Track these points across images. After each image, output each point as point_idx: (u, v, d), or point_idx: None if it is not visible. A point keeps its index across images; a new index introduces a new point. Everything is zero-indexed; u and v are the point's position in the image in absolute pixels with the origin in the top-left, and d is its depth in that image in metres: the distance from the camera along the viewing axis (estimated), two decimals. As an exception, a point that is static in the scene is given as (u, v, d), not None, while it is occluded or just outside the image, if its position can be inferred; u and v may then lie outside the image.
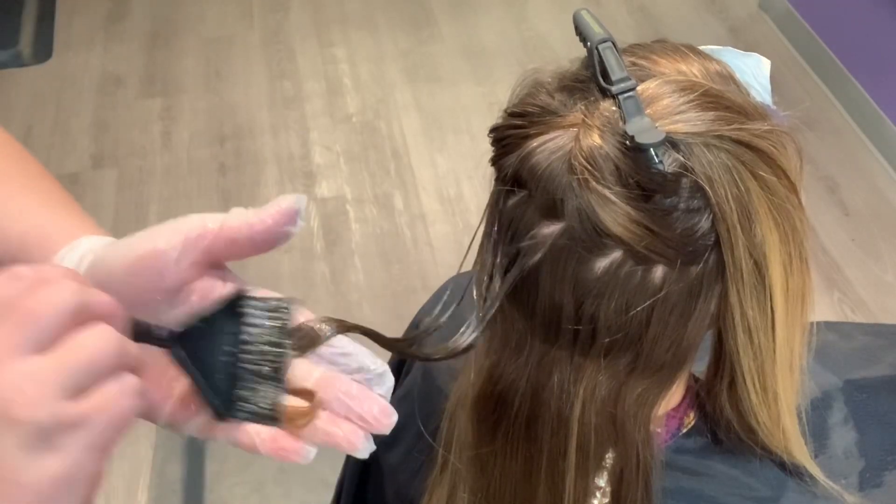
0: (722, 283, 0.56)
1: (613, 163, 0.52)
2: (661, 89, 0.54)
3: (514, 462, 0.62)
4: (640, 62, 0.57)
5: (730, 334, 0.58)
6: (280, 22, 3.01)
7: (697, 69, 0.57)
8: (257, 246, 0.48)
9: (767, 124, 0.55)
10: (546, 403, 0.59)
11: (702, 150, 0.52)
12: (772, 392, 0.61)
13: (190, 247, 0.47)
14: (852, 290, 2.12)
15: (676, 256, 0.54)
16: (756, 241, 0.54)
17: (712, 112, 0.53)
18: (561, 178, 0.53)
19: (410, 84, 2.75)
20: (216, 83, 2.78)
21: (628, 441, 0.60)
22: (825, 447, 0.74)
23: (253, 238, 0.48)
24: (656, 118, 0.53)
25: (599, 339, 0.56)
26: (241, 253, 0.49)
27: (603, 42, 0.54)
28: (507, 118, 0.57)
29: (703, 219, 0.53)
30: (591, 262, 0.54)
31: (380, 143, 2.56)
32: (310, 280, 2.20)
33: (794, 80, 2.67)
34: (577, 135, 0.53)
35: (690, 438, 0.66)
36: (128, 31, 2.99)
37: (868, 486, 0.73)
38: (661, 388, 0.60)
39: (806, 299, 0.60)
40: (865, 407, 0.78)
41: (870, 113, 2.46)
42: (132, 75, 2.81)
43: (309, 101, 2.70)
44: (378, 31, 2.96)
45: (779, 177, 0.54)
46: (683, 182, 0.52)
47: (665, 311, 0.55)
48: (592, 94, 0.55)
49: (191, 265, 0.48)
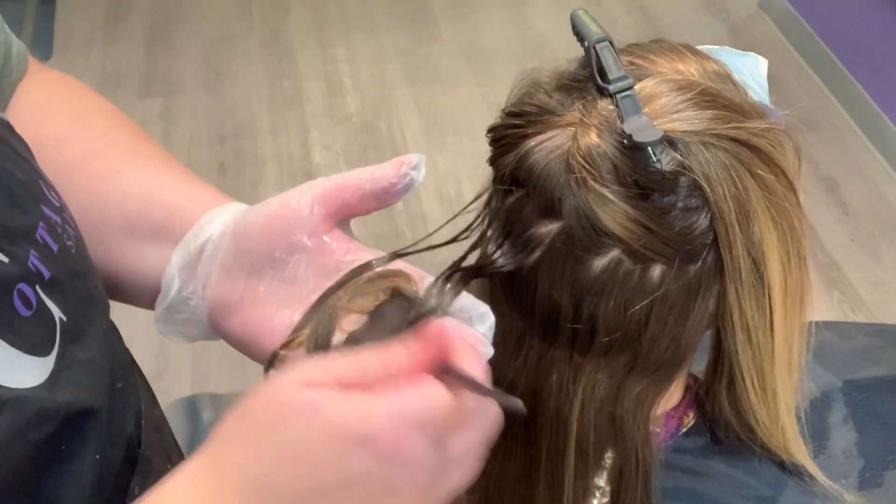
0: (720, 281, 0.56)
1: (611, 161, 0.52)
2: (659, 88, 0.54)
3: (513, 462, 0.62)
4: (637, 62, 0.57)
5: (728, 333, 0.58)
6: (280, 22, 3.01)
7: (695, 68, 0.57)
8: (380, 197, 0.53)
9: (765, 123, 0.55)
10: (545, 402, 0.59)
11: (699, 149, 0.52)
12: (771, 391, 0.61)
13: (319, 199, 0.52)
14: (852, 290, 2.12)
15: (675, 255, 0.54)
16: (754, 239, 0.54)
17: (710, 111, 0.53)
18: (559, 177, 0.53)
19: (410, 84, 2.75)
20: (216, 83, 2.78)
21: (628, 440, 0.60)
22: (825, 447, 0.74)
23: (377, 190, 0.52)
24: (654, 117, 0.53)
25: (598, 338, 0.56)
26: (367, 205, 0.53)
27: (600, 41, 0.54)
28: (504, 118, 0.57)
29: (702, 217, 0.53)
30: (590, 261, 0.54)
31: (380, 143, 2.56)
32: (310, 280, 2.20)
33: (793, 80, 2.66)
34: (575, 134, 0.54)
35: (689, 438, 0.66)
36: (128, 31, 2.99)
37: (868, 485, 0.73)
38: (660, 388, 0.60)
39: (804, 298, 0.60)
40: (865, 407, 0.78)
41: (870, 113, 2.46)
42: (132, 75, 2.81)
43: (309, 101, 2.70)
44: (378, 31, 2.96)
45: (777, 175, 0.55)
46: (681, 180, 0.52)
47: (663, 310, 0.55)
48: (590, 94, 0.55)
49: (321, 218, 0.53)
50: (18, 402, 0.43)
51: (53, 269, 0.49)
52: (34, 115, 0.61)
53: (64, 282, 0.49)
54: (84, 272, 0.53)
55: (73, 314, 0.50)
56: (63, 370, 0.47)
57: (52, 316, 0.48)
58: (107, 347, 0.53)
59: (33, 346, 0.46)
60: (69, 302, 0.50)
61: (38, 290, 0.47)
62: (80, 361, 0.49)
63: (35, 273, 0.47)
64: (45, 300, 0.47)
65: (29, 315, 0.46)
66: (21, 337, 0.45)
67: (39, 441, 0.44)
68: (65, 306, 0.49)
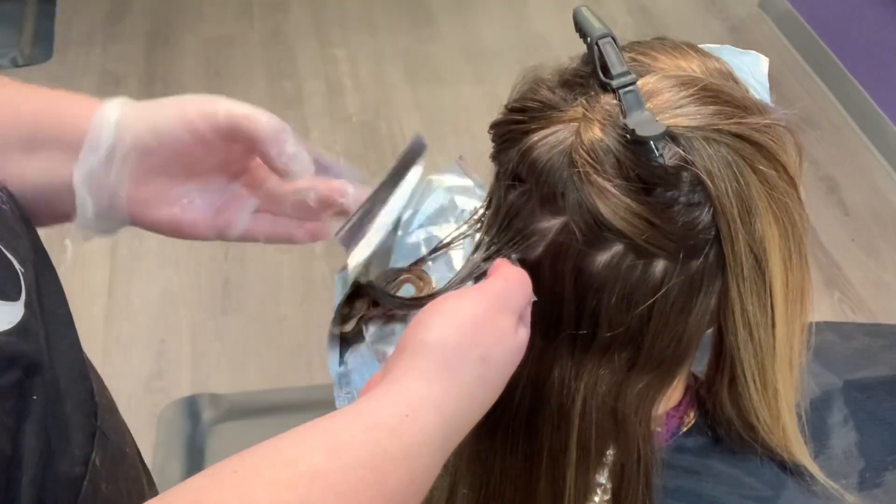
0: (722, 278, 0.56)
1: (614, 156, 0.52)
2: (661, 84, 0.54)
3: (514, 458, 0.62)
4: (639, 58, 0.57)
5: (730, 330, 0.58)
6: (280, 22, 3.01)
7: (697, 65, 0.57)
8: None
9: (767, 119, 0.55)
10: (547, 398, 0.59)
11: (702, 144, 0.52)
12: (772, 389, 0.61)
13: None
14: (852, 290, 2.12)
15: (677, 250, 0.54)
16: (756, 235, 0.54)
17: (712, 106, 0.53)
18: (562, 171, 0.53)
19: (410, 84, 2.75)
20: (216, 83, 2.78)
21: (629, 437, 0.60)
22: (825, 447, 0.74)
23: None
24: (656, 112, 0.53)
25: (600, 334, 0.56)
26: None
27: (603, 37, 0.54)
28: (507, 113, 0.58)
29: (704, 212, 0.53)
30: (592, 256, 0.54)
31: (380, 143, 2.56)
32: (310, 280, 2.20)
33: (794, 79, 2.67)
34: (578, 129, 0.54)
35: (690, 437, 0.66)
36: (128, 31, 2.99)
37: (868, 485, 0.73)
38: (661, 384, 0.60)
39: (805, 296, 0.60)
40: (865, 407, 0.78)
41: (870, 113, 2.46)
42: (132, 75, 2.81)
43: (309, 101, 2.70)
44: (378, 31, 2.96)
45: (778, 171, 0.55)
46: (684, 175, 0.53)
47: (666, 306, 0.55)
48: (593, 89, 0.55)
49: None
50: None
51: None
52: None
53: (8, 238, 0.50)
54: (21, 232, 0.53)
55: (28, 268, 0.51)
56: (34, 317, 0.48)
57: (12, 264, 0.49)
58: (63, 300, 0.55)
59: (2, 291, 0.47)
60: (20, 256, 0.50)
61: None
62: (46, 311, 0.51)
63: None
64: (3, 251, 0.49)
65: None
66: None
67: (7, 386, 0.45)
68: (19, 259, 0.50)
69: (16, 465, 0.45)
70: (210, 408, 1.64)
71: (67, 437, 0.51)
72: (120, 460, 0.57)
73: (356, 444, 0.45)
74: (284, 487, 0.42)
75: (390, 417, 0.47)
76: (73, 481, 0.51)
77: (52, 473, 0.48)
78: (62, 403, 0.51)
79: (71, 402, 0.52)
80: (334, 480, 0.43)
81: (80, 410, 0.53)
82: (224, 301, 2.12)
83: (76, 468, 0.51)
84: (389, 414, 0.47)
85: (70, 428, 0.51)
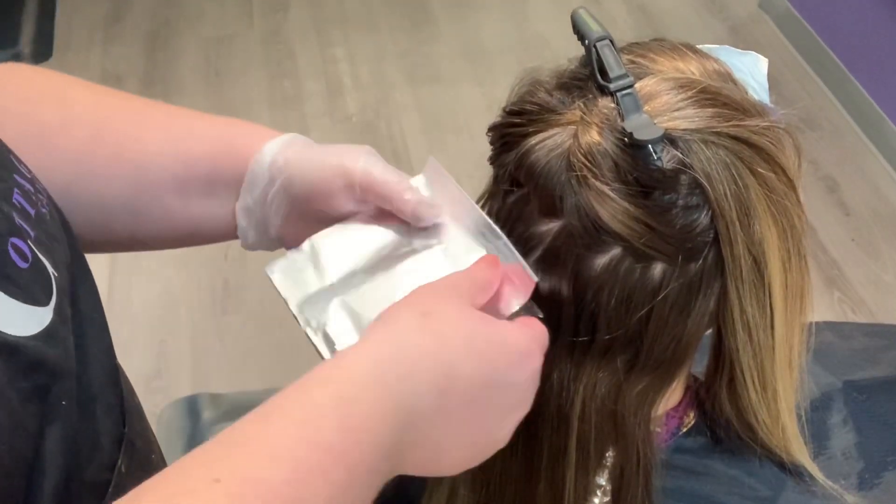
0: (721, 280, 0.56)
1: (612, 159, 0.52)
2: (659, 86, 0.54)
3: (514, 460, 0.62)
4: (638, 60, 0.57)
5: (729, 332, 0.58)
6: (280, 22, 3.01)
7: (695, 67, 0.57)
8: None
9: (765, 121, 0.55)
10: (546, 401, 0.59)
11: (700, 147, 0.52)
12: (771, 389, 0.61)
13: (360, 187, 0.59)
14: (852, 290, 2.12)
15: (676, 253, 0.54)
16: (755, 238, 0.54)
17: (710, 109, 0.53)
18: (560, 175, 0.53)
19: (410, 84, 2.74)
20: (216, 83, 2.78)
21: (629, 439, 0.60)
22: (825, 448, 0.74)
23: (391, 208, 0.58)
24: (654, 115, 0.53)
25: (599, 337, 0.56)
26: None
27: (601, 40, 0.54)
28: (505, 116, 0.58)
29: (702, 215, 0.53)
30: (591, 259, 0.54)
31: (380, 143, 2.56)
32: (310, 280, 2.20)
33: (794, 80, 2.66)
34: (576, 132, 0.54)
35: (690, 438, 0.66)
36: (128, 31, 2.99)
37: (867, 486, 0.73)
38: (661, 386, 0.60)
39: (805, 297, 0.60)
40: (865, 408, 0.78)
41: (870, 113, 2.46)
42: (132, 75, 2.81)
43: (309, 101, 2.70)
44: (378, 31, 2.96)
45: (777, 173, 0.55)
46: (682, 178, 0.53)
47: (664, 309, 0.55)
48: (591, 92, 0.55)
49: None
50: (11, 348, 0.44)
51: (35, 230, 0.50)
52: (19, 108, 0.63)
53: (46, 242, 0.51)
54: (60, 237, 0.54)
55: (63, 272, 0.51)
56: (63, 323, 0.49)
57: (46, 269, 0.49)
58: (98, 306, 0.56)
59: (31, 296, 0.47)
60: (56, 261, 0.51)
61: (31, 244, 0.49)
62: (78, 315, 0.51)
63: (24, 230, 0.49)
64: (39, 255, 0.49)
65: (26, 267, 0.47)
66: (20, 287, 0.46)
67: (29, 390, 0.44)
68: (53, 263, 0.50)
69: (38, 470, 0.45)
70: (210, 408, 1.64)
71: (95, 443, 0.51)
72: (146, 467, 0.57)
73: (287, 405, 0.43)
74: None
75: (319, 371, 0.45)
76: (98, 487, 0.50)
77: (79, 479, 0.48)
78: (92, 409, 0.51)
79: (101, 408, 0.52)
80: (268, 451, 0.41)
81: (109, 416, 0.53)
82: (224, 301, 2.12)
83: (102, 474, 0.51)
84: (319, 369, 0.45)
85: (99, 434, 0.51)
